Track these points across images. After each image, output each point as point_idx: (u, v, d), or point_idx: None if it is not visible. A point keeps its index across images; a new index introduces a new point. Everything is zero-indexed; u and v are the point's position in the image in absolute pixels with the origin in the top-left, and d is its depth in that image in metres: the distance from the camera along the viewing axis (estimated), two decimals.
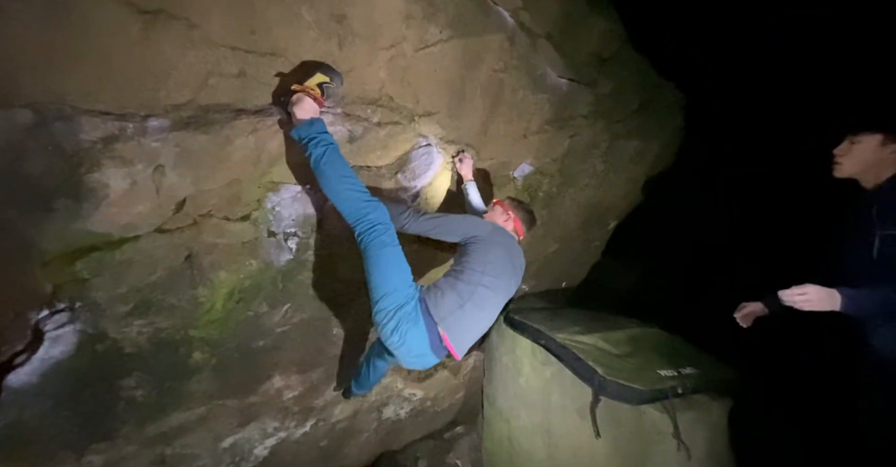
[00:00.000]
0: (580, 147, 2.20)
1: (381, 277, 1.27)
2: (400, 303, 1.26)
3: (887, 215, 1.26)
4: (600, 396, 1.62)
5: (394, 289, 1.27)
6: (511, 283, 1.48)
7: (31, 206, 1.01)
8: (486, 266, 1.38)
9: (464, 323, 1.33)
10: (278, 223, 1.46)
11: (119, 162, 1.07)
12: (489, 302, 1.39)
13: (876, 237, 1.27)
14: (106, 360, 1.24)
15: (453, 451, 2.45)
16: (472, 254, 1.41)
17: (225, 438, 1.66)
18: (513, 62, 1.76)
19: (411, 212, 1.49)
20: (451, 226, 1.47)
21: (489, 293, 1.37)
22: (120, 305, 1.21)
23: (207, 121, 1.18)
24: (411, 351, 1.29)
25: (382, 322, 1.27)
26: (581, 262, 2.93)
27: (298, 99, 1.22)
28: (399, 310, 1.26)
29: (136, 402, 1.34)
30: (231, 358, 1.53)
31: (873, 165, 1.28)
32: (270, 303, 1.55)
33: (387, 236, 1.28)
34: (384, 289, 1.26)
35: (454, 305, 1.31)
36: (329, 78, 1.25)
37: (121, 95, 1.05)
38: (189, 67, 1.11)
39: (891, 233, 1.25)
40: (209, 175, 1.25)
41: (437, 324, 1.29)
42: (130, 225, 1.16)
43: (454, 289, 1.33)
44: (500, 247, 1.46)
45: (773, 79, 3.36)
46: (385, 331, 1.27)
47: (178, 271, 1.29)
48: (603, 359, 1.71)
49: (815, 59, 3.12)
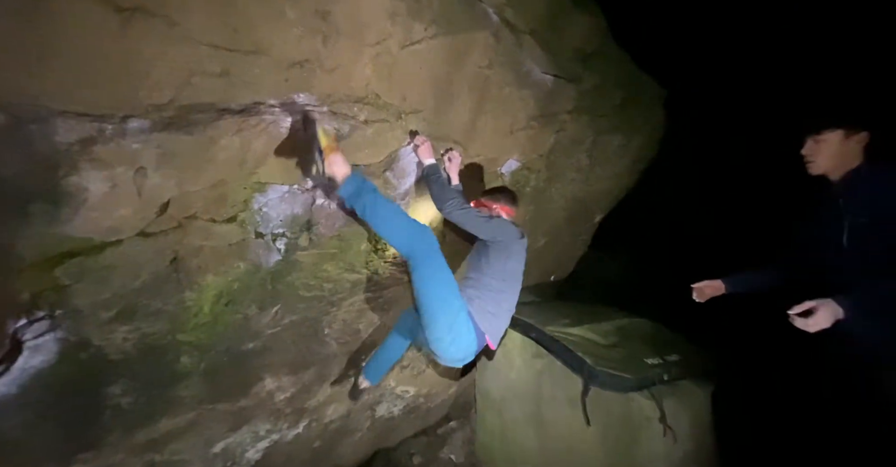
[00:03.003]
0: (565, 142, 2.23)
1: (435, 294, 1.45)
2: (453, 318, 1.45)
3: (854, 204, 1.31)
4: (590, 386, 1.67)
5: (445, 303, 1.44)
6: (521, 278, 1.69)
7: (6, 212, 0.97)
8: (505, 274, 1.59)
9: (500, 325, 1.60)
10: (266, 224, 1.45)
11: (98, 164, 1.04)
12: (512, 301, 1.65)
13: (845, 226, 1.33)
14: (90, 368, 1.21)
15: (447, 446, 2.47)
16: (493, 259, 1.59)
17: (216, 443, 1.64)
18: (498, 59, 1.76)
19: (456, 201, 1.59)
20: (485, 227, 1.61)
21: (512, 296, 1.63)
22: (103, 311, 1.18)
23: (190, 122, 1.16)
24: (461, 356, 1.51)
25: (439, 337, 1.46)
26: (569, 256, 2.98)
27: (331, 161, 1.35)
28: (454, 324, 1.45)
29: (122, 410, 1.31)
30: (220, 361, 1.51)
31: (841, 159, 1.34)
32: (260, 305, 1.53)
33: (436, 260, 1.45)
34: (437, 306, 1.44)
35: (493, 314, 1.54)
36: (322, 127, 1.36)
37: (98, 96, 1.01)
38: (169, 66, 1.07)
39: (860, 220, 1.30)
40: (193, 176, 1.22)
41: (485, 333, 1.53)
42: (112, 229, 1.13)
43: (492, 301, 1.55)
44: (518, 252, 1.65)
45: (752, 72, 3.46)
46: (441, 344, 1.46)
47: (163, 275, 1.26)
48: (592, 350, 1.76)
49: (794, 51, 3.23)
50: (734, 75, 3.49)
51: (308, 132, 1.34)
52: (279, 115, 1.31)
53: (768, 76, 3.39)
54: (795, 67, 3.24)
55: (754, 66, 3.41)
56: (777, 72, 3.35)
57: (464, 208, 1.59)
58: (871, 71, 2.87)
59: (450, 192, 1.62)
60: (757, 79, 3.43)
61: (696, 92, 3.26)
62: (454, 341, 1.45)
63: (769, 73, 3.39)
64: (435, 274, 1.43)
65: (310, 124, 1.34)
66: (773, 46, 3.29)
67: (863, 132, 1.31)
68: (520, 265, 1.66)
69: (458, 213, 1.58)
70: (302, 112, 1.33)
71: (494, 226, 1.60)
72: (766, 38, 3.30)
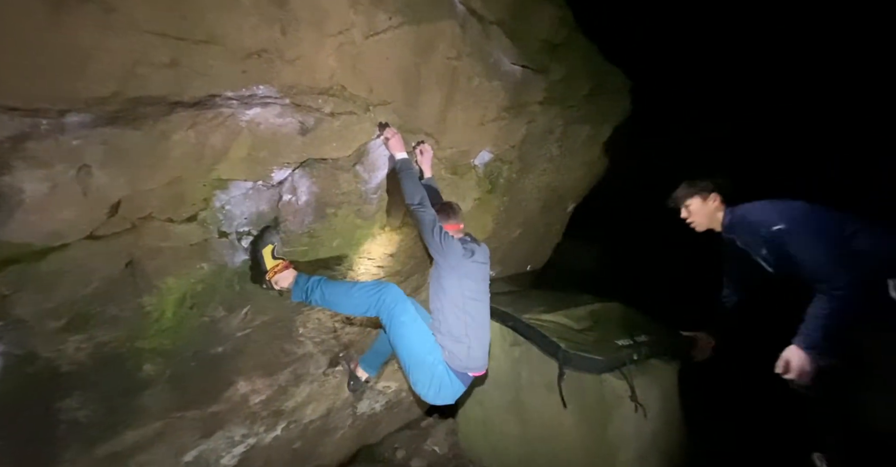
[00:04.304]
0: (536, 133, 2.25)
1: (410, 352, 1.53)
2: (431, 371, 1.52)
3: (750, 242, 1.61)
4: (564, 369, 1.71)
5: (422, 359, 1.52)
6: (485, 281, 1.69)
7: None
8: (465, 299, 1.57)
9: (481, 353, 1.61)
10: (229, 222, 1.38)
11: (33, 163, 0.96)
12: (482, 315, 1.64)
13: (759, 259, 1.62)
14: (39, 382, 1.13)
15: (430, 438, 2.49)
16: (446, 284, 1.57)
17: (187, 451, 1.58)
18: (466, 49, 1.75)
19: (421, 202, 1.59)
20: (429, 242, 1.57)
21: (480, 309, 1.62)
22: (51, 321, 1.10)
23: (138, 116, 1.08)
24: (450, 399, 1.59)
25: (423, 391, 1.56)
26: (544, 245, 3.03)
27: (277, 279, 1.47)
28: (433, 376, 1.52)
29: (80, 424, 1.24)
30: (188, 367, 1.45)
31: (711, 215, 1.70)
32: (227, 307, 1.48)
33: (405, 315, 1.53)
34: (414, 362, 1.53)
35: (468, 350, 1.55)
36: (272, 243, 1.46)
37: (30, 88, 0.93)
38: (110, 56, 1.00)
39: (761, 253, 1.59)
40: (146, 174, 1.15)
41: (466, 370, 1.57)
42: (55, 233, 1.05)
43: (462, 341, 1.55)
44: (471, 271, 1.61)
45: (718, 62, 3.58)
46: (428, 395, 1.56)
47: (118, 280, 1.19)
48: (566, 335, 1.81)
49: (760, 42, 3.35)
50: (700, 65, 3.60)
51: (255, 256, 1.45)
52: (237, 108, 1.25)
53: (734, 66, 3.52)
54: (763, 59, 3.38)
55: (721, 57, 3.53)
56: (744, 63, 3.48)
57: (424, 212, 1.56)
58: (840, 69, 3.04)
59: (419, 190, 1.59)
60: (723, 68, 3.55)
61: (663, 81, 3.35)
62: (439, 391, 1.55)
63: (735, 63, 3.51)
64: (405, 330, 1.52)
65: (256, 246, 1.45)
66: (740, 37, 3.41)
67: (712, 193, 1.69)
68: (477, 283, 1.63)
69: (418, 215, 1.57)
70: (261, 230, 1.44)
71: (436, 245, 1.54)
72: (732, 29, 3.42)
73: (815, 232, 1.46)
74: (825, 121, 3.19)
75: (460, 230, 1.71)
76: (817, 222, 1.49)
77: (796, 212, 1.52)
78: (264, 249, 1.44)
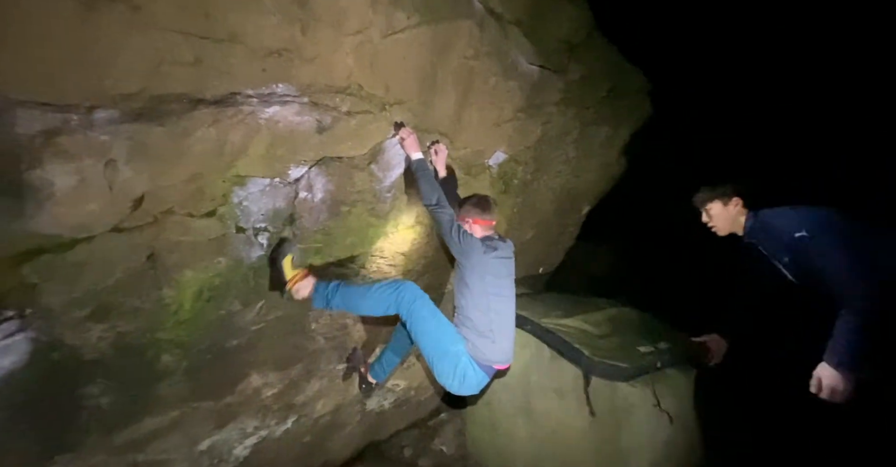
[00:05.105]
0: (552, 134, 2.22)
1: (433, 345, 1.54)
2: (455, 362, 1.52)
3: (772, 248, 1.57)
4: (590, 376, 1.68)
5: (445, 350, 1.52)
6: (510, 276, 1.68)
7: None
8: (488, 295, 1.56)
9: (505, 347, 1.61)
10: (247, 218, 1.41)
11: (64, 157, 0.99)
12: (508, 310, 1.63)
13: (781, 266, 1.57)
14: (64, 369, 1.18)
15: (438, 438, 2.49)
16: (470, 281, 1.57)
17: (202, 441, 1.62)
18: (483, 49, 1.74)
19: (440, 203, 1.60)
20: (450, 242, 1.59)
21: (504, 304, 1.61)
22: (76, 310, 1.14)
23: (162, 113, 1.11)
24: (474, 390, 1.60)
25: (447, 382, 1.56)
26: (557, 248, 3.00)
27: (298, 288, 1.50)
28: (457, 367, 1.53)
29: (101, 410, 1.28)
30: (203, 359, 1.48)
31: (732, 220, 1.65)
32: (243, 301, 1.50)
33: (425, 310, 1.53)
34: (438, 355, 1.53)
35: (492, 344, 1.55)
36: (290, 253, 1.49)
37: (61, 85, 0.96)
38: (136, 54, 1.03)
39: (784, 260, 1.54)
40: (168, 169, 1.18)
41: (491, 363, 1.57)
42: (82, 225, 1.09)
43: (487, 335, 1.54)
44: (495, 267, 1.60)
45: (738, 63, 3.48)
46: (452, 386, 1.57)
47: (139, 272, 1.23)
48: (587, 341, 1.79)
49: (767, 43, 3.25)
50: (720, 68, 3.51)
51: (275, 266, 1.49)
52: (257, 106, 1.27)
53: (742, 67, 3.42)
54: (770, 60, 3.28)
55: (728, 58, 3.43)
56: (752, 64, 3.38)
57: (442, 212, 1.58)
58: None
59: (436, 191, 1.61)
60: (731, 69, 3.45)
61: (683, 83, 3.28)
62: (463, 382, 1.55)
63: (743, 64, 3.41)
64: (426, 323, 1.53)
65: (275, 258, 1.48)
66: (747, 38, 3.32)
67: (733, 197, 1.63)
68: (501, 278, 1.62)
69: (435, 215, 1.60)
70: (280, 241, 1.48)
71: (455, 244, 1.55)
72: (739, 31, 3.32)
73: (839, 241, 1.39)
74: (831, 123, 3.08)
75: (492, 226, 1.70)
76: (841, 231, 1.41)
77: (820, 220, 1.45)
78: (284, 260, 1.47)
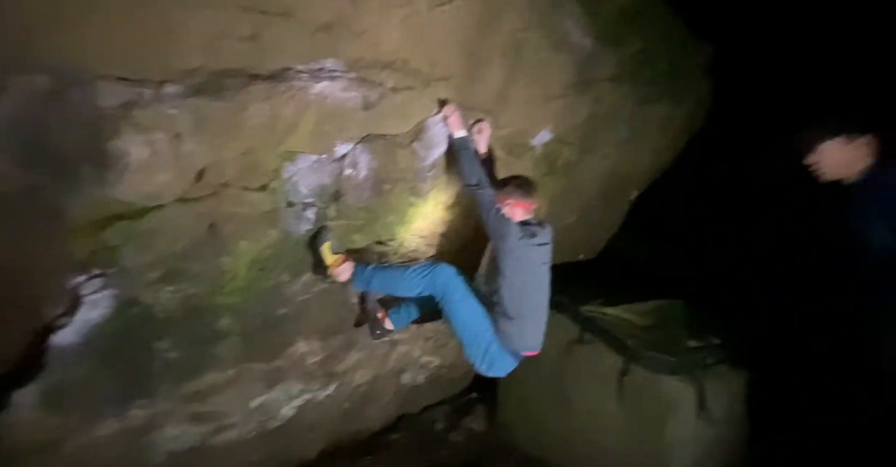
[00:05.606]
0: (603, 112, 2.09)
1: (464, 329, 1.58)
2: (485, 347, 1.57)
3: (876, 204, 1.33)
4: (630, 366, 1.64)
5: (475, 335, 1.57)
6: (546, 263, 1.66)
7: (59, 174, 1.03)
8: (524, 283, 1.55)
9: (535, 334, 1.62)
10: (296, 193, 1.47)
11: (138, 129, 1.07)
12: (541, 297, 1.63)
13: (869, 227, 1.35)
14: (140, 324, 1.31)
15: (469, 415, 2.54)
16: (505, 267, 1.54)
17: (254, 398, 1.76)
18: (534, 20, 1.65)
19: (480, 182, 1.58)
20: (488, 224, 1.56)
21: (538, 291, 1.61)
22: (149, 272, 1.25)
23: (221, 87, 1.16)
24: (501, 373, 1.65)
25: (476, 363, 1.63)
26: (599, 234, 2.87)
27: (338, 272, 1.56)
28: (486, 352, 1.57)
29: (170, 363, 1.42)
30: (256, 324, 1.59)
31: (846, 164, 1.37)
32: (291, 273, 1.59)
33: (458, 293, 1.55)
34: (468, 338, 1.58)
35: (521, 333, 1.57)
36: (328, 240, 1.55)
37: (134, 60, 1.03)
38: (199, 30, 1.07)
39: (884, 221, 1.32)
40: (225, 143, 1.24)
41: (519, 350, 1.60)
42: (153, 194, 1.18)
43: (517, 321, 1.55)
44: (531, 253, 1.58)
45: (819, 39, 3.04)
46: (481, 368, 1.63)
47: (201, 240, 1.32)
48: (630, 331, 1.75)
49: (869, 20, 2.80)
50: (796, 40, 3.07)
51: (315, 252, 1.55)
52: (307, 82, 1.29)
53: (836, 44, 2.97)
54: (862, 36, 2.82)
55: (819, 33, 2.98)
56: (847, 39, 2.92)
57: (482, 193, 1.56)
58: None
59: (477, 171, 1.58)
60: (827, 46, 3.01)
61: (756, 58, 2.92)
62: (491, 365, 1.60)
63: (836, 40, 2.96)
64: (459, 307, 1.56)
65: (314, 245, 1.55)
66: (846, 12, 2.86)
67: (864, 137, 1.33)
68: (537, 265, 1.60)
69: (475, 196, 1.58)
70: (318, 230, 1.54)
71: (492, 227, 1.53)
72: None
73: None
74: None
75: (533, 210, 1.66)
76: None
77: None
78: (322, 247, 1.54)
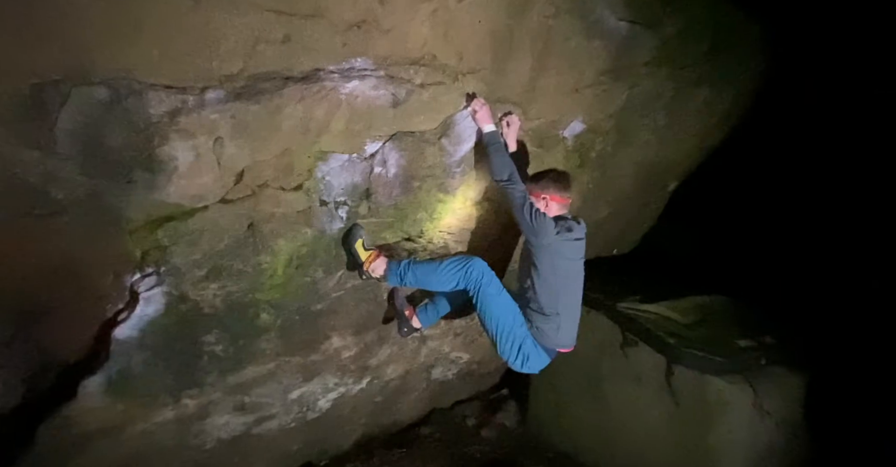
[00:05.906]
0: (640, 99, 1.98)
1: (498, 324, 1.55)
2: (519, 343, 1.55)
3: None
4: (674, 366, 1.57)
5: (510, 331, 1.55)
6: (580, 259, 1.64)
7: (116, 178, 1.11)
8: (557, 278, 1.53)
9: (569, 330, 1.60)
10: (329, 192, 1.50)
11: (184, 135, 1.13)
12: (575, 293, 1.61)
13: None
14: (189, 319, 1.39)
15: (500, 412, 2.54)
16: (538, 263, 1.52)
17: (293, 390, 1.83)
18: (565, 5, 1.58)
19: (511, 178, 1.57)
20: (522, 221, 1.54)
21: (572, 287, 1.59)
22: (196, 270, 1.32)
23: (258, 91, 1.20)
24: (535, 369, 1.63)
25: (510, 360, 1.60)
26: (634, 228, 2.75)
27: (373, 268, 1.58)
28: (521, 348, 1.56)
29: (217, 356, 1.51)
30: (294, 319, 1.65)
31: None
32: (326, 269, 1.63)
33: (491, 287, 1.54)
34: (502, 333, 1.55)
35: (556, 330, 1.55)
36: (360, 237, 1.58)
37: (179, 68, 1.08)
38: (238, 35, 1.11)
39: None
40: (263, 145, 1.28)
41: (554, 347, 1.59)
42: (198, 195, 1.24)
43: (552, 318, 1.54)
44: (565, 249, 1.55)
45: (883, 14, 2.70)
46: (515, 364, 1.61)
47: (242, 239, 1.38)
48: (672, 329, 1.67)
49: None
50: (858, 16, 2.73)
51: (349, 250, 1.58)
52: (338, 82, 1.31)
53: None
54: None
55: None
56: None
57: (514, 188, 1.53)
58: None
59: (508, 166, 1.55)
60: None
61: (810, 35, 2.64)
62: (525, 362, 1.58)
63: None
64: (492, 302, 1.54)
65: (347, 243, 1.58)
66: None
67: None
68: (571, 261, 1.58)
69: (507, 191, 1.55)
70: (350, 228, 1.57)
71: (526, 223, 1.50)
72: None
73: None
74: None
75: (568, 205, 1.63)
76: None
77: None
78: (356, 244, 1.57)
